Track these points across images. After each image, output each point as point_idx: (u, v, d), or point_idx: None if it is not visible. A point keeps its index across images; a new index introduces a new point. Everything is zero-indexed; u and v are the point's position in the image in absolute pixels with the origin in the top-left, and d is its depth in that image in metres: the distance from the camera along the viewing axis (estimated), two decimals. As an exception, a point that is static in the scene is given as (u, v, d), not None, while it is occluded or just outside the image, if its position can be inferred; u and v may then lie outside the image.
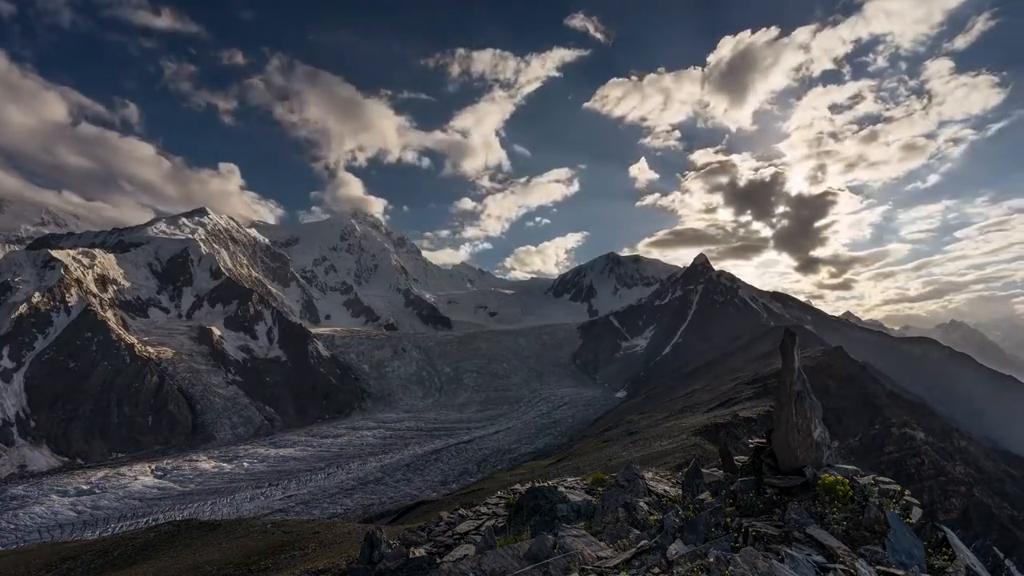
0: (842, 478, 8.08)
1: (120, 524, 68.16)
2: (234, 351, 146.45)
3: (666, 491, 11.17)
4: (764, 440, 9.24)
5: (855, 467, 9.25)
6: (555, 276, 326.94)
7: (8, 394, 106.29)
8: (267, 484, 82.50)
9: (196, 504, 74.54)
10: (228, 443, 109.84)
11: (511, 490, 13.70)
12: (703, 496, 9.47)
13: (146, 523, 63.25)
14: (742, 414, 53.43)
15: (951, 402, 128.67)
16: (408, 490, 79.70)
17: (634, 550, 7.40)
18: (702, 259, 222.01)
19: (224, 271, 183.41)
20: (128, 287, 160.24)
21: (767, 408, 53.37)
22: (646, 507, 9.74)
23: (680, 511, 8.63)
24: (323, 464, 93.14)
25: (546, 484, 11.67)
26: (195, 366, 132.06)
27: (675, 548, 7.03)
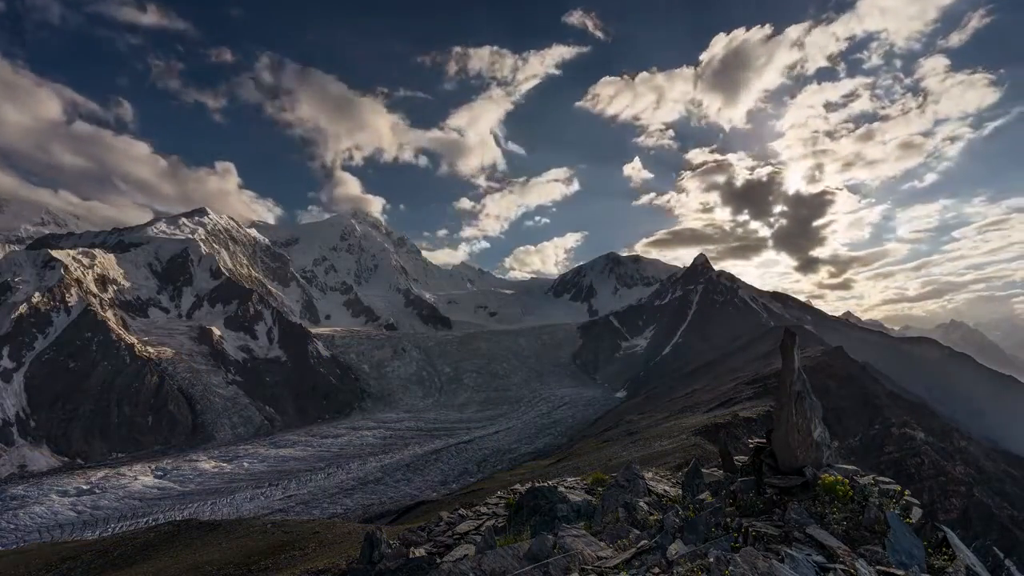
0: (842, 478, 8.08)
1: (120, 524, 68.15)
2: (234, 351, 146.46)
3: (666, 491, 11.17)
4: (764, 440, 9.25)
5: (855, 467, 9.25)
6: (555, 276, 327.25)
7: (8, 394, 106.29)
8: (267, 484, 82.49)
9: (196, 504, 74.53)
10: (228, 443, 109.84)
11: (511, 490, 13.70)
12: (703, 496, 9.47)
13: (146, 523, 63.24)
14: (742, 414, 53.43)
15: (951, 402, 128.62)
16: (408, 490, 79.69)
17: (634, 550, 7.40)
18: (702, 259, 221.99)
19: (224, 271, 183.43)
20: (128, 287, 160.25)
21: (767, 408, 53.37)
22: (646, 507, 9.74)
23: (680, 511, 8.64)
24: (323, 464, 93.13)
25: (546, 484, 11.67)
26: (195, 366, 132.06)
27: (675, 548, 7.03)
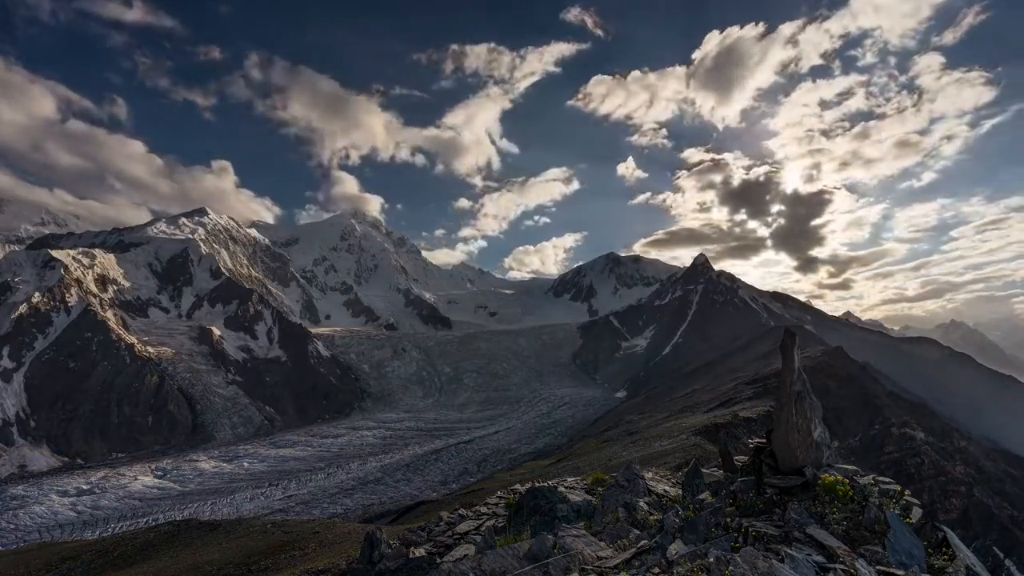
0: (842, 478, 8.08)
1: (120, 524, 68.14)
2: (234, 351, 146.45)
3: (666, 491, 11.16)
4: (764, 440, 9.24)
5: (855, 467, 9.25)
6: (555, 276, 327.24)
7: (8, 394, 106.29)
8: (267, 484, 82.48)
9: (196, 504, 74.52)
10: (228, 443, 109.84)
11: (511, 490, 13.70)
12: (703, 496, 9.47)
13: (146, 523, 63.24)
14: (742, 414, 53.43)
15: (951, 402, 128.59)
16: (408, 490, 79.68)
17: (634, 550, 7.40)
18: (702, 259, 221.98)
19: (224, 271, 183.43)
20: (128, 287, 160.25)
21: (767, 408, 53.37)
22: (646, 507, 9.74)
23: (680, 511, 8.63)
24: (323, 464, 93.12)
25: (546, 484, 11.67)
26: (195, 366, 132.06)
27: (675, 548, 7.03)
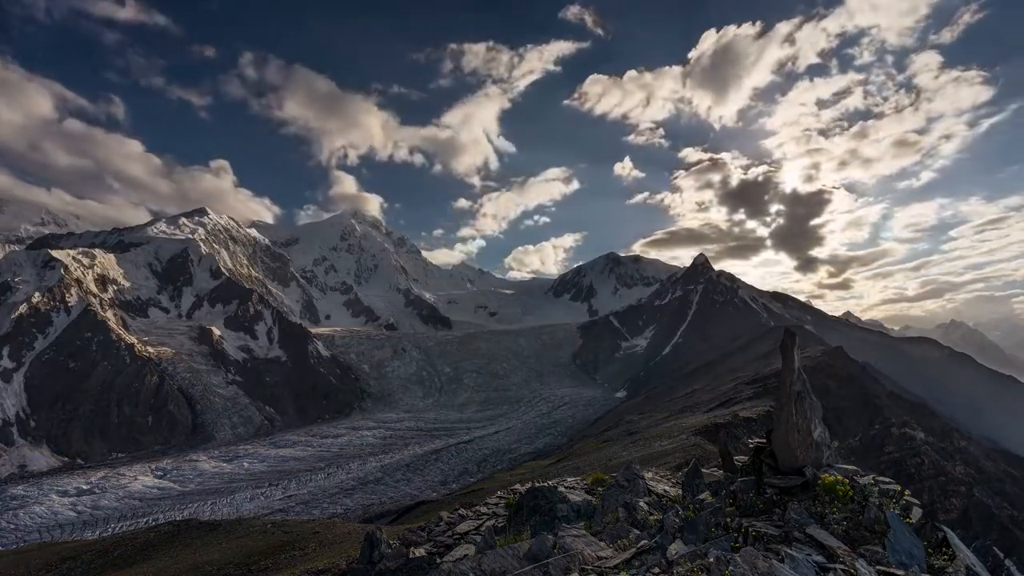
0: (842, 478, 8.08)
1: (120, 524, 68.13)
2: (234, 351, 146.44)
3: (666, 491, 11.16)
4: (764, 440, 9.24)
5: (855, 467, 9.25)
6: (555, 276, 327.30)
7: (8, 394, 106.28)
8: (267, 484, 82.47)
9: (196, 504, 74.51)
10: (228, 443, 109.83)
11: (511, 490, 13.69)
12: (703, 496, 9.47)
13: (146, 523, 63.23)
14: (742, 414, 53.43)
15: (951, 402, 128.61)
16: (408, 490, 79.67)
17: (634, 550, 7.40)
18: (702, 259, 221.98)
19: (224, 271, 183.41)
20: (128, 287, 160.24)
21: (767, 408, 53.37)
22: (646, 507, 9.74)
23: (680, 511, 8.63)
24: (323, 464, 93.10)
25: (546, 484, 11.67)
26: (195, 366, 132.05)
27: (675, 548, 7.03)
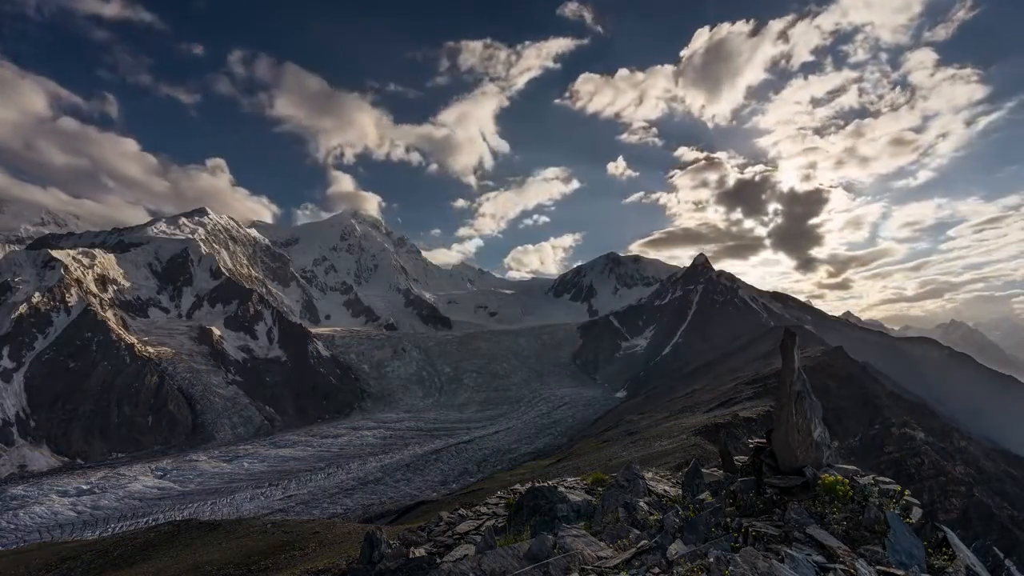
0: (842, 478, 8.08)
1: (120, 524, 68.11)
2: (234, 351, 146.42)
3: (666, 491, 11.16)
4: (764, 440, 9.24)
5: (855, 467, 9.25)
6: (555, 276, 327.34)
7: (8, 394, 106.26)
8: (267, 484, 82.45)
9: (196, 504, 74.49)
10: (228, 443, 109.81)
11: (511, 490, 13.69)
12: (703, 496, 9.47)
13: (146, 523, 63.23)
14: (742, 414, 53.43)
15: (951, 402, 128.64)
16: (408, 490, 79.67)
17: (634, 550, 7.40)
18: (702, 259, 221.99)
19: (224, 271, 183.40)
20: (128, 287, 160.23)
21: (767, 408, 53.37)
22: (646, 507, 9.73)
23: (680, 511, 8.63)
24: (323, 464, 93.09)
25: (546, 484, 11.66)
26: (195, 366, 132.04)
27: (675, 548, 7.03)
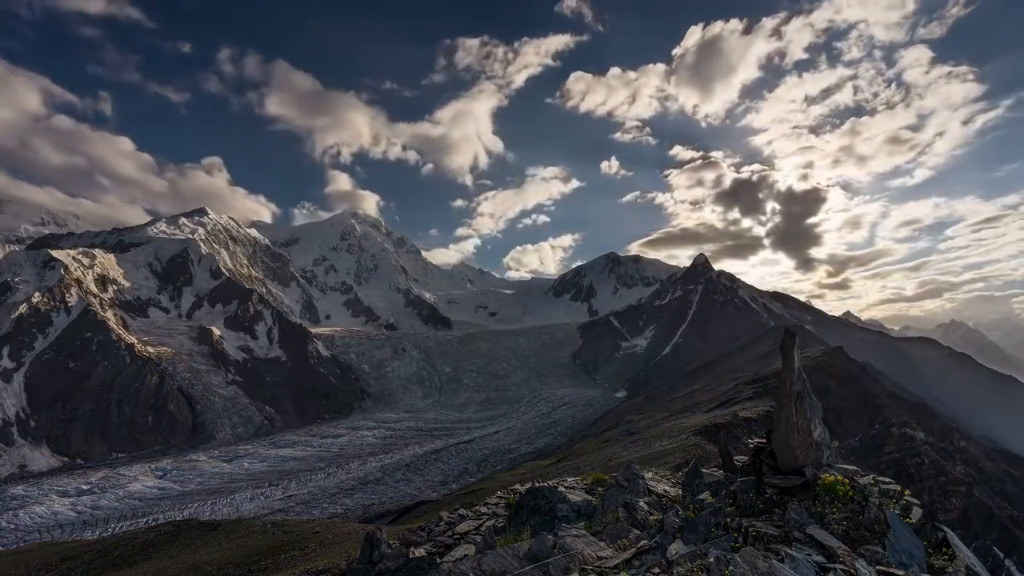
0: (842, 478, 8.08)
1: (120, 524, 68.11)
2: (234, 351, 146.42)
3: (666, 491, 11.16)
4: (764, 440, 9.24)
5: (855, 467, 9.25)
6: (554, 276, 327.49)
7: (8, 394, 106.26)
8: (267, 484, 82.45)
9: (196, 504, 74.49)
10: (228, 443, 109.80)
11: (511, 490, 13.70)
12: (703, 496, 9.47)
13: (146, 523, 63.23)
14: (742, 414, 53.43)
15: (951, 402, 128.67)
16: (408, 490, 79.67)
17: (634, 550, 7.40)
18: (702, 259, 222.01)
19: (224, 271, 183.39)
20: (128, 287, 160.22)
21: (767, 408, 53.37)
22: (646, 507, 9.73)
23: (680, 511, 8.63)
24: (323, 464, 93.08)
25: (546, 484, 11.66)
26: (195, 366, 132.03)
27: (675, 548, 7.03)
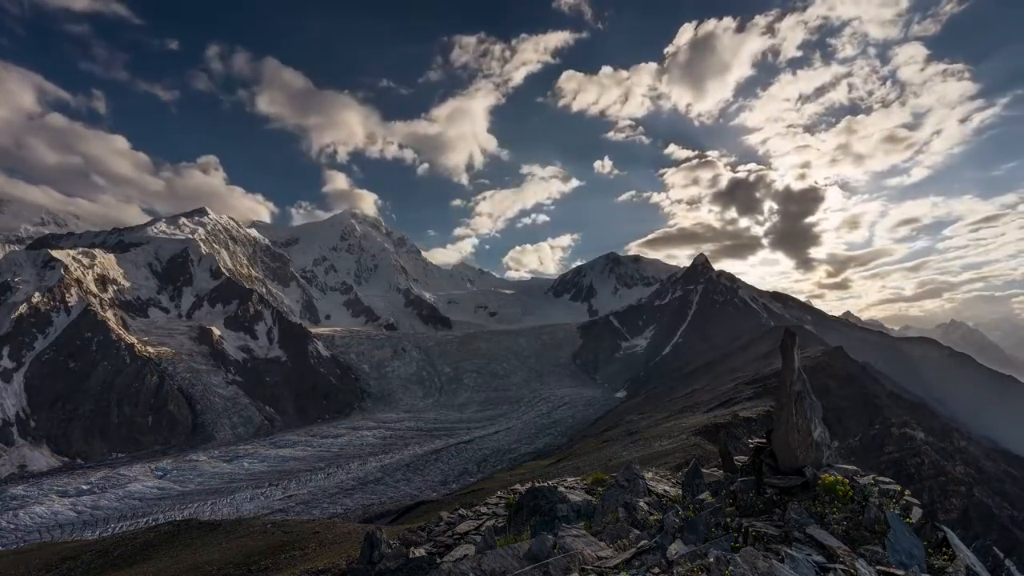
0: (842, 478, 8.08)
1: (120, 524, 68.11)
2: (234, 351, 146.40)
3: (666, 491, 11.16)
4: (764, 440, 9.24)
5: (855, 467, 9.25)
6: (554, 276, 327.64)
7: (8, 394, 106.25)
8: (267, 484, 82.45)
9: (196, 504, 74.49)
10: (228, 443, 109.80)
11: (511, 490, 13.70)
12: (703, 496, 9.47)
13: (146, 523, 63.23)
14: (742, 414, 53.43)
15: (951, 402, 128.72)
16: (408, 490, 79.67)
17: (634, 550, 7.39)
18: (702, 259, 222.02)
19: (224, 271, 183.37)
20: (128, 287, 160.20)
21: (767, 408, 53.38)
22: (646, 507, 9.73)
23: (680, 511, 8.63)
24: (323, 464, 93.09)
25: (546, 484, 11.66)
26: (195, 366, 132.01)
27: (675, 548, 7.03)
